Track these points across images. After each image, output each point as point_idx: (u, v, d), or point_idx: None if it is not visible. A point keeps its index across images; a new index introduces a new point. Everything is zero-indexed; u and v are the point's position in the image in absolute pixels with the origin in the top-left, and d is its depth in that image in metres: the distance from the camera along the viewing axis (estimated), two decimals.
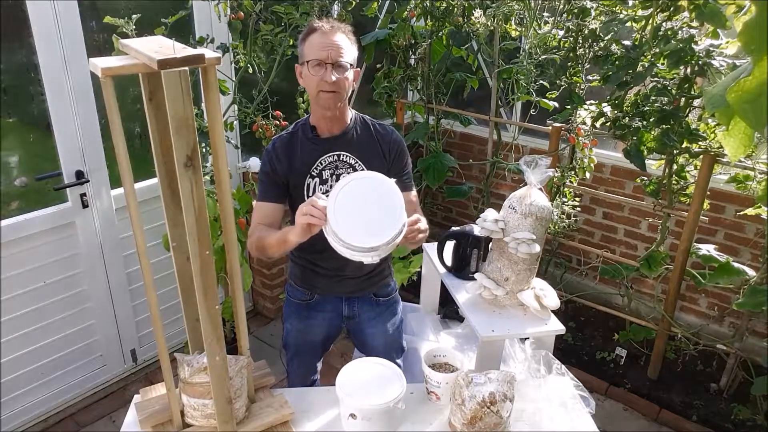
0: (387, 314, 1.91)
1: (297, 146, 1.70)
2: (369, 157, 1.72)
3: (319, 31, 1.59)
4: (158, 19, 2.27)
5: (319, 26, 1.60)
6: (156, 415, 1.47)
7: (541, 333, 1.96)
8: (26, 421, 2.54)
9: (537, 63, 2.84)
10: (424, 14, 3.09)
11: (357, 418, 1.51)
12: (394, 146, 1.76)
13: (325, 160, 1.70)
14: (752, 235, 2.94)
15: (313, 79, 1.59)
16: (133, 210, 1.23)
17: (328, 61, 1.57)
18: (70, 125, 2.34)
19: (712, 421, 2.68)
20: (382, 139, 1.75)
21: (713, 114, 2.23)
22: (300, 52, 1.64)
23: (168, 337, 2.80)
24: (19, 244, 2.33)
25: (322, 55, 1.57)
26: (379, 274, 1.87)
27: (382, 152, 1.74)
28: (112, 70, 1.08)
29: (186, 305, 1.42)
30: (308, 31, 1.63)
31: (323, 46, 1.57)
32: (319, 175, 1.69)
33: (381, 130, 1.77)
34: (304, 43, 1.62)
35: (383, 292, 1.92)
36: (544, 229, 2.06)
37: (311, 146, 1.70)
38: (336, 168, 1.70)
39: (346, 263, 1.76)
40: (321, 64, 1.58)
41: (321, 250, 1.75)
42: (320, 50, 1.57)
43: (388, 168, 1.75)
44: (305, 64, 1.61)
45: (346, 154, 1.71)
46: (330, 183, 1.70)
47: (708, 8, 2.12)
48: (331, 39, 1.58)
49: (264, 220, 1.70)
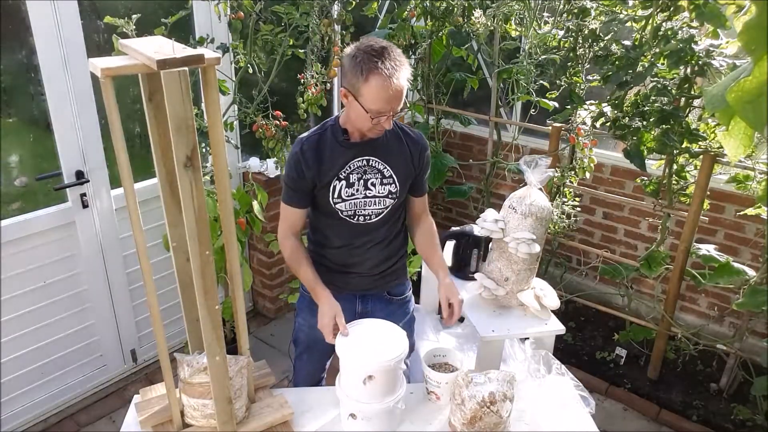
0: (399, 313, 1.91)
1: (326, 148, 1.67)
2: (397, 162, 1.71)
3: (383, 75, 1.48)
4: (158, 19, 2.27)
5: (383, 68, 1.48)
6: (156, 415, 1.47)
7: (541, 333, 1.96)
8: (26, 421, 2.54)
9: (537, 63, 2.84)
10: (424, 14, 3.09)
11: (357, 418, 1.51)
12: (423, 153, 1.76)
13: (354, 164, 1.67)
14: (752, 235, 2.94)
15: (367, 120, 1.55)
16: (133, 210, 1.23)
17: (389, 113, 1.55)
18: (70, 125, 2.34)
19: (712, 421, 2.68)
20: (412, 145, 1.74)
21: (713, 114, 2.23)
22: (353, 83, 1.53)
23: (168, 337, 2.80)
24: (19, 244, 2.33)
25: (385, 108, 1.53)
26: (393, 273, 1.88)
27: (411, 158, 1.74)
28: (112, 71, 1.08)
29: (186, 305, 1.42)
30: (369, 68, 1.49)
31: (388, 99, 1.51)
32: (346, 179, 1.67)
33: (411, 134, 1.76)
34: (364, 81, 1.50)
35: (397, 290, 1.92)
36: (544, 229, 2.06)
37: (341, 149, 1.67)
38: (364, 173, 1.69)
39: (360, 261, 1.79)
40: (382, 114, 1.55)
41: (337, 247, 1.78)
42: (385, 103, 1.52)
43: (415, 174, 1.76)
44: (360, 103, 1.53)
45: (375, 159, 1.69)
46: (357, 187, 1.68)
47: (708, 8, 2.12)
48: (396, 88, 1.50)
49: (292, 228, 1.76)
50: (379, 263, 1.81)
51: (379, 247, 1.79)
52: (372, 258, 1.79)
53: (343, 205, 1.69)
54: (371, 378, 1.46)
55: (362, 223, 1.72)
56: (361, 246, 1.76)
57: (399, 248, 1.87)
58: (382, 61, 1.49)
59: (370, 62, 1.49)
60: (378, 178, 1.69)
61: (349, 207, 1.69)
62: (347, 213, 1.70)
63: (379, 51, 1.50)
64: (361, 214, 1.71)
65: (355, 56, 1.52)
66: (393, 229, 1.81)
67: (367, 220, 1.72)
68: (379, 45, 1.52)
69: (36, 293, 2.44)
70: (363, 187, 1.69)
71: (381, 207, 1.72)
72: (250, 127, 2.67)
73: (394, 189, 1.71)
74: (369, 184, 1.69)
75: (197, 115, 2.30)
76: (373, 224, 1.74)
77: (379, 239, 1.78)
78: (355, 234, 1.75)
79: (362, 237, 1.75)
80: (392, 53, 1.52)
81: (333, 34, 2.66)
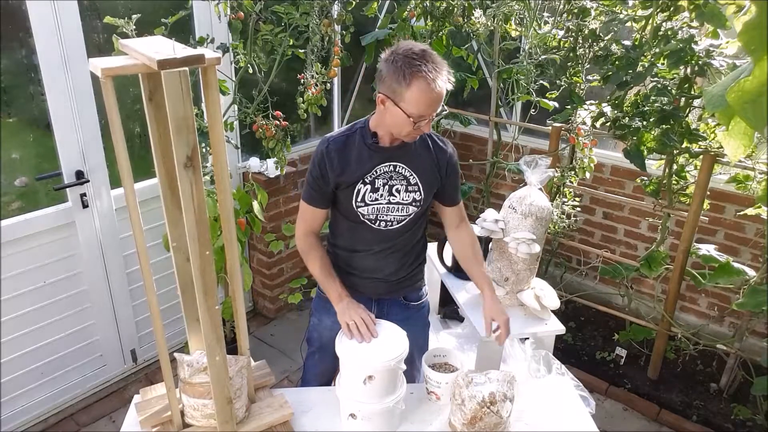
0: (415, 318, 1.90)
1: (353, 150, 1.65)
2: (424, 170, 1.70)
3: (426, 78, 1.47)
4: (158, 19, 2.26)
5: (426, 72, 1.47)
6: (156, 415, 1.47)
7: (541, 333, 1.96)
8: (26, 421, 2.54)
9: (537, 63, 2.84)
10: (424, 14, 3.09)
11: (357, 418, 1.51)
12: (451, 164, 1.74)
13: (381, 169, 1.66)
14: (752, 235, 2.94)
15: (407, 125, 1.53)
16: (133, 210, 1.23)
17: (430, 117, 1.54)
18: (70, 125, 2.34)
19: (712, 421, 2.68)
20: (440, 155, 1.72)
21: (713, 114, 2.23)
22: (393, 88, 1.51)
23: (168, 337, 2.80)
24: (19, 244, 2.33)
25: (426, 112, 1.52)
26: (411, 279, 1.86)
27: (438, 168, 1.72)
28: (112, 71, 1.08)
29: (186, 305, 1.42)
30: (412, 72, 1.47)
31: (430, 103, 1.51)
32: (371, 183, 1.66)
33: (441, 144, 1.74)
34: (407, 86, 1.48)
35: (414, 296, 1.90)
36: (544, 229, 2.06)
37: (369, 153, 1.65)
38: (390, 178, 1.67)
39: (379, 267, 1.78)
40: (422, 117, 1.54)
41: (359, 251, 1.77)
42: (427, 107, 1.51)
43: (441, 184, 1.74)
44: (401, 108, 1.51)
45: (402, 166, 1.67)
46: (381, 192, 1.67)
47: (708, 8, 2.12)
48: (438, 91, 1.50)
49: (310, 228, 1.76)
50: (397, 270, 1.80)
51: (399, 254, 1.78)
52: (390, 264, 1.78)
53: (365, 209, 1.67)
54: (371, 378, 1.46)
55: (383, 228, 1.71)
56: (380, 252, 1.75)
57: (418, 255, 1.85)
58: (425, 63, 1.47)
59: (413, 66, 1.47)
60: (403, 184, 1.68)
61: (372, 212, 1.68)
62: (369, 217, 1.69)
63: (420, 54, 1.49)
64: (383, 219, 1.69)
65: (395, 61, 1.49)
66: (414, 237, 1.79)
67: (388, 226, 1.71)
68: (419, 48, 1.50)
69: (36, 293, 2.44)
70: (387, 192, 1.67)
71: (404, 214, 1.70)
72: (250, 127, 2.67)
73: (418, 197, 1.69)
74: (394, 190, 1.67)
75: (197, 115, 2.30)
76: (395, 231, 1.72)
77: (400, 246, 1.77)
78: (376, 239, 1.73)
79: (382, 243, 1.74)
80: (433, 56, 1.50)
81: (333, 34, 2.65)
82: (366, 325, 1.57)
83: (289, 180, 3.18)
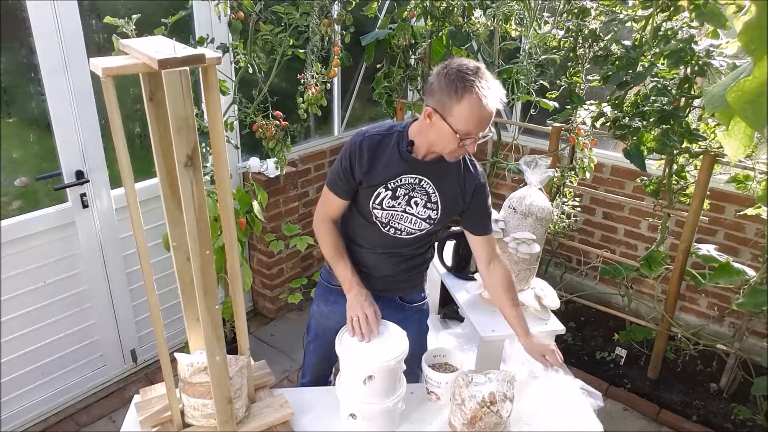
0: (411, 321, 1.86)
1: (385, 151, 1.63)
2: (447, 190, 1.67)
3: (478, 94, 1.43)
4: (158, 19, 2.26)
5: (479, 89, 1.43)
6: (156, 415, 1.47)
7: (541, 333, 1.96)
8: (26, 421, 2.54)
9: (537, 63, 2.84)
10: (424, 14, 3.09)
11: (357, 418, 1.51)
12: (478, 191, 1.69)
13: (406, 178, 1.63)
14: (752, 235, 2.94)
15: (452, 141, 1.50)
16: (133, 210, 1.23)
17: (476, 137, 1.51)
18: (70, 125, 2.34)
19: (712, 421, 2.68)
20: (466, 180, 1.68)
21: (713, 114, 2.23)
22: (443, 102, 1.47)
23: (168, 337, 2.80)
24: (19, 244, 2.33)
25: (474, 131, 1.48)
26: (408, 281, 1.84)
27: (463, 192, 1.68)
28: (113, 70, 1.08)
29: (186, 305, 1.42)
30: (465, 87, 1.43)
31: (478, 121, 1.46)
32: (393, 190, 1.63)
33: (471, 169, 1.70)
34: (458, 101, 1.45)
35: (411, 298, 1.89)
36: (544, 229, 2.06)
37: (399, 159, 1.62)
38: (412, 190, 1.64)
39: (377, 266, 1.77)
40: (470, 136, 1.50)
41: (363, 247, 1.76)
42: (475, 125, 1.47)
43: (463, 208, 1.71)
44: (448, 123, 1.47)
45: (427, 182, 1.64)
46: (400, 201, 1.64)
47: (708, 8, 2.12)
48: (489, 110, 1.46)
49: (329, 214, 1.74)
50: (395, 273, 1.79)
51: (401, 260, 1.77)
52: (390, 267, 1.77)
53: (380, 212, 1.66)
54: (371, 378, 1.46)
55: (392, 234, 1.70)
56: (383, 254, 1.74)
57: (419, 266, 1.84)
58: (478, 80, 1.44)
59: (466, 81, 1.43)
60: (423, 199, 1.65)
61: (386, 216, 1.67)
62: (381, 220, 1.68)
63: (474, 71, 1.46)
64: (394, 226, 1.68)
65: (448, 74, 1.46)
66: (419, 251, 1.78)
67: (397, 234, 1.70)
68: (473, 65, 1.47)
69: (36, 293, 2.44)
70: (405, 202, 1.65)
71: (415, 228, 1.69)
72: (250, 127, 2.67)
73: (434, 215, 1.67)
74: (412, 201, 1.65)
75: (197, 115, 2.30)
76: (403, 240, 1.71)
77: (404, 255, 1.76)
78: (382, 242, 1.72)
79: (388, 247, 1.73)
80: (486, 75, 1.47)
81: (333, 34, 2.66)
82: (369, 323, 1.56)
83: (289, 180, 3.18)
